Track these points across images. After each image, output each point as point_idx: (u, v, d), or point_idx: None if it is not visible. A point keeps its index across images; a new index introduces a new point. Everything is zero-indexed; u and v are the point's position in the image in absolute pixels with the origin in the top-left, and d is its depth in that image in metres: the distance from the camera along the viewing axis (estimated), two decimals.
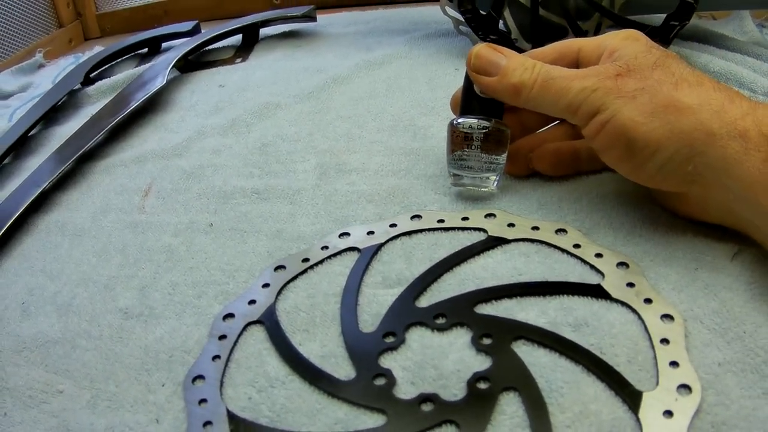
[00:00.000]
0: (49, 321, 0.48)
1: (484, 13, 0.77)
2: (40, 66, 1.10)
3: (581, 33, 0.75)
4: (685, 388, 0.34)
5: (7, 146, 0.77)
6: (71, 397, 0.41)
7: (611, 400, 0.35)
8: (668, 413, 0.33)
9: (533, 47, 0.71)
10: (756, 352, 0.36)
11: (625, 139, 0.42)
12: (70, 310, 0.49)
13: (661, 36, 0.72)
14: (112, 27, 1.24)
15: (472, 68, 0.49)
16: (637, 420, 0.33)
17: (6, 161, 0.77)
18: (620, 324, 0.39)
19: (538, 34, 0.76)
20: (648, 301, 0.40)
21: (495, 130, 0.50)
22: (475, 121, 0.50)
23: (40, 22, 1.17)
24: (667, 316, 0.39)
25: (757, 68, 0.71)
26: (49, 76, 1.04)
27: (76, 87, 0.90)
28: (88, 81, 0.92)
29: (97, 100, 0.87)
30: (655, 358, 0.37)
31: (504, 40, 0.77)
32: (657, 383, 0.35)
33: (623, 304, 0.41)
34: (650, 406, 0.34)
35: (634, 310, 0.40)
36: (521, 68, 0.46)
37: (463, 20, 0.79)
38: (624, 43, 0.45)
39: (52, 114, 0.86)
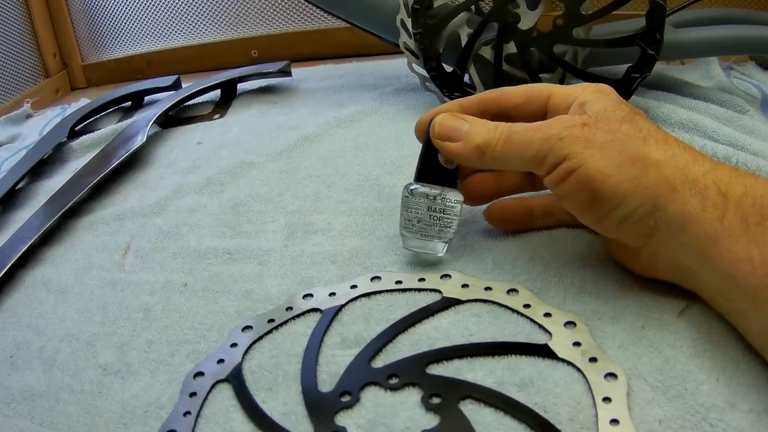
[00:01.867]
0: (35, 375, 0.52)
1: (449, 70, 0.81)
2: (28, 116, 1.15)
3: None
4: None
5: None
6: None
7: None
8: None
9: None
10: (696, 409, 0.38)
11: (590, 190, 0.43)
12: (54, 365, 0.52)
13: (623, 88, 0.74)
14: (98, 77, 1.29)
15: (436, 136, 0.50)
16: None
17: None
18: (564, 383, 0.42)
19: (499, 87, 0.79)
20: (593, 359, 0.42)
21: (448, 200, 0.53)
22: (429, 189, 0.53)
23: (28, 73, 1.22)
24: (611, 375, 0.41)
25: (720, 116, 0.74)
26: (37, 127, 1.08)
27: (62, 140, 0.94)
28: (73, 134, 0.96)
29: (81, 155, 0.92)
30: (596, 416, 0.39)
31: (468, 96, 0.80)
32: None
33: (569, 363, 0.43)
34: None
35: (578, 369, 0.42)
36: (484, 129, 0.48)
37: (428, 77, 0.83)
38: (594, 97, 0.46)
39: (39, 167, 0.90)
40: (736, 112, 0.77)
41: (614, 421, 0.38)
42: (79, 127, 1.00)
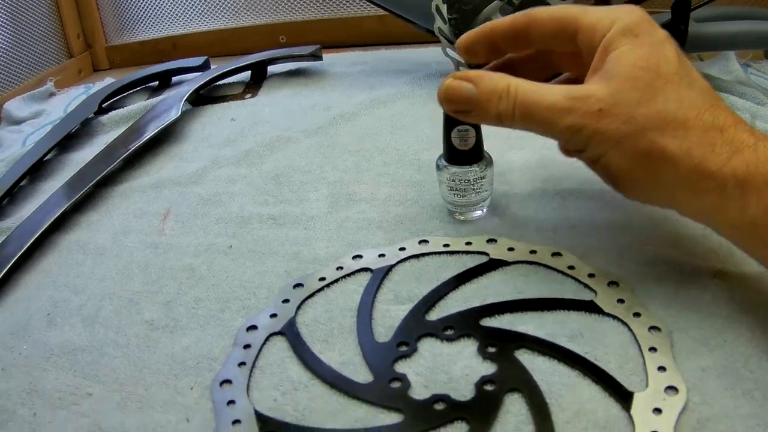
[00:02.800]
0: (76, 331, 0.52)
1: None
2: (51, 94, 1.15)
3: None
4: (672, 389, 0.39)
5: (26, 169, 0.81)
6: (101, 399, 0.45)
7: (605, 400, 0.39)
8: (657, 411, 0.38)
9: None
10: (736, 358, 0.41)
11: (612, 178, 0.46)
12: (96, 322, 0.53)
13: None
14: (121, 59, 1.29)
15: (445, 103, 0.48)
16: (630, 417, 0.38)
17: (23, 183, 0.81)
18: (612, 335, 0.44)
19: None
20: (637, 314, 0.45)
21: (470, 175, 0.56)
22: (450, 167, 0.57)
23: (52, 52, 1.22)
24: (654, 328, 0.43)
25: (739, 106, 0.76)
26: (61, 105, 1.09)
27: (90, 116, 0.95)
28: (100, 110, 0.97)
29: (110, 129, 0.92)
30: (644, 363, 0.41)
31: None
32: (646, 385, 0.40)
33: (614, 317, 0.45)
34: (640, 405, 0.38)
35: (624, 323, 0.45)
36: (495, 98, 0.45)
37: (462, 61, 0.85)
38: (621, 43, 0.43)
39: (67, 141, 0.90)
40: (755, 103, 0.79)
41: (661, 368, 0.40)
42: (107, 103, 1.00)
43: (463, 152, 0.56)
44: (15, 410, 0.45)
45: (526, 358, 0.43)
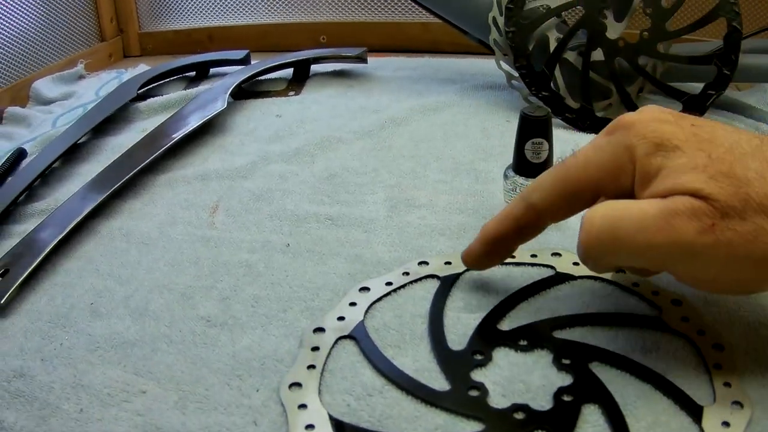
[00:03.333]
0: (124, 323, 0.50)
1: (537, 70, 0.82)
2: (80, 77, 1.14)
3: (626, 94, 0.81)
4: (737, 404, 0.39)
5: (61, 151, 0.80)
6: (156, 398, 0.43)
7: (678, 413, 0.40)
8: (726, 424, 0.38)
9: (581, 107, 0.77)
10: None
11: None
12: (146, 315, 0.51)
13: (698, 104, 0.79)
14: (154, 47, 1.28)
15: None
16: (701, 429, 0.38)
17: (55, 165, 0.80)
18: (681, 352, 0.44)
19: (586, 94, 0.81)
20: (701, 332, 0.45)
21: None
22: (517, 178, 0.57)
23: (83, 34, 1.21)
24: (718, 346, 0.44)
25: None
26: (92, 88, 1.08)
27: (128, 101, 0.93)
28: (137, 96, 0.95)
29: (148, 117, 0.91)
30: (710, 379, 0.42)
31: (554, 97, 0.82)
32: (714, 400, 0.40)
33: (680, 334, 0.46)
34: (711, 418, 0.39)
35: (690, 340, 0.45)
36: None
37: (516, 75, 0.84)
38: (666, 162, 0.39)
39: (102, 125, 0.89)
40: None
41: (727, 384, 0.41)
42: (143, 90, 0.99)
43: (534, 164, 0.56)
44: (59, 405, 0.43)
45: (599, 370, 0.43)
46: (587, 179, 0.42)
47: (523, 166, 0.56)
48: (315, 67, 1.04)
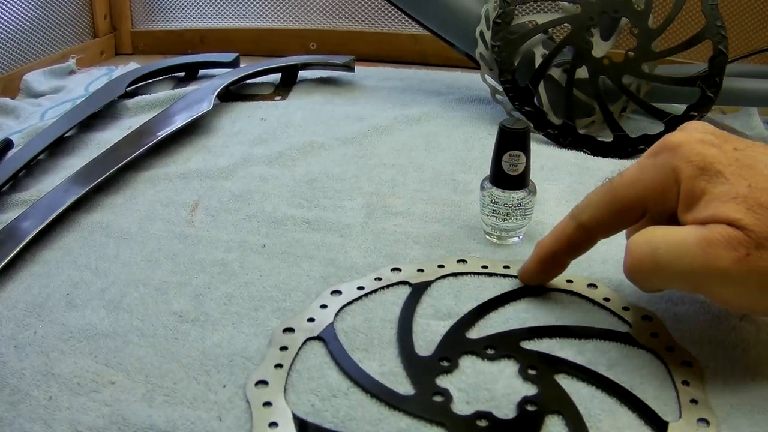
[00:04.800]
0: (98, 315, 0.51)
1: (522, 85, 0.83)
2: (71, 72, 1.14)
3: (608, 113, 0.82)
4: (703, 421, 0.40)
5: (46, 144, 0.80)
6: (124, 389, 0.43)
7: (642, 427, 0.40)
8: None
9: (563, 123, 0.78)
10: (763, 397, 0.42)
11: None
12: (120, 307, 0.52)
13: (680, 125, 0.78)
14: (145, 46, 1.29)
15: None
16: None
17: (41, 157, 0.80)
18: (648, 367, 0.45)
19: (569, 111, 0.82)
20: (670, 349, 0.46)
21: (513, 200, 0.57)
22: (495, 190, 0.57)
23: (77, 30, 1.21)
24: (686, 363, 0.44)
25: None
26: (82, 83, 1.08)
27: (115, 98, 0.93)
28: (125, 94, 0.96)
29: (135, 114, 0.91)
30: (677, 396, 0.42)
31: (537, 113, 0.82)
32: (680, 416, 0.40)
33: (649, 350, 0.46)
34: None
35: (658, 356, 0.46)
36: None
37: (500, 90, 0.85)
38: (710, 187, 0.41)
39: (90, 120, 0.89)
40: None
41: (693, 401, 0.41)
42: (131, 88, 0.99)
43: (511, 176, 0.56)
44: (29, 392, 0.43)
45: (565, 382, 0.44)
46: (634, 198, 0.45)
47: (500, 177, 0.57)
48: (303, 73, 1.05)
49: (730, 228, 0.39)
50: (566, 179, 0.72)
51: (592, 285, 0.53)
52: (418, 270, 0.55)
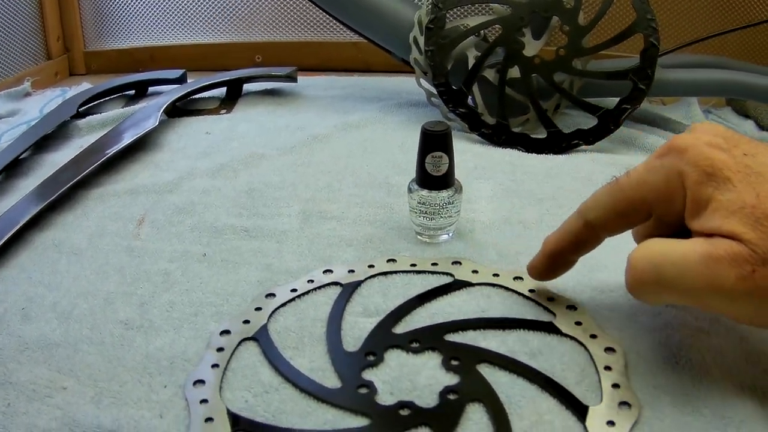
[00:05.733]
0: (51, 326, 0.53)
1: (455, 88, 0.85)
2: (27, 94, 1.15)
3: (542, 111, 0.84)
4: (625, 404, 0.41)
5: (2, 167, 0.82)
6: (75, 393, 0.46)
7: (563, 412, 0.42)
8: (611, 423, 0.40)
9: (497, 123, 0.80)
10: (685, 378, 0.43)
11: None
12: (71, 318, 0.54)
13: (613, 118, 0.82)
14: (98, 65, 1.30)
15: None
16: (585, 428, 0.40)
17: None
18: (569, 354, 0.47)
19: (502, 111, 0.85)
20: (593, 336, 0.48)
21: (440, 200, 0.59)
22: (421, 191, 0.60)
23: (30, 52, 1.22)
24: (609, 349, 0.46)
25: None
26: (37, 105, 1.09)
27: (68, 119, 0.95)
28: (77, 114, 0.97)
29: (87, 133, 0.93)
30: (599, 381, 0.44)
31: (471, 114, 0.85)
32: (601, 400, 0.42)
33: (572, 338, 0.48)
34: (595, 418, 0.41)
35: (581, 344, 0.47)
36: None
37: (435, 93, 0.88)
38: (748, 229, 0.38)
39: (43, 141, 0.91)
40: None
41: (615, 385, 0.43)
42: (84, 108, 1.01)
43: (435, 177, 0.59)
44: None
45: (487, 372, 0.46)
46: (640, 200, 0.43)
47: (425, 178, 0.59)
48: (248, 86, 1.07)
49: (735, 243, 0.37)
50: (499, 177, 0.75)
51: (518, 278, 0.55)
52: (349, 271, 0.57)
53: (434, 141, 0.58)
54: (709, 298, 0.39)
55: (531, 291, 0.54)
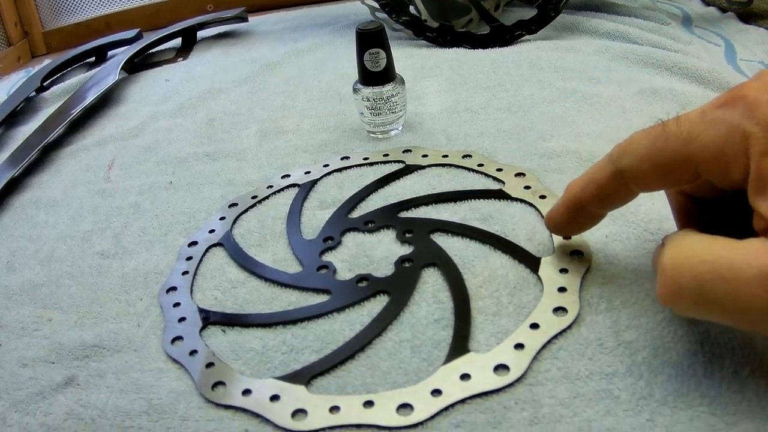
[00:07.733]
0: (34, 271, 0.53)
1: None
2: None
3: (484, 10, 0.83)
4: (577, 254, 0.42)
5: None
6: (60, 322, 0.47)
7: (516, 266, 0.42)
8: (564, 270, 0.41)
9: (440, 25, 0.79)
10: (637, 224, 0.44)
11: None
12: (52, 260, 0.54)
13: (553, 5, 0.81)
14: (58, 43, 1.28)
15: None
16: (538, 277, 0.41)
17: None
18: (520, 215, 0.47)
19: (443, 13, 0.84)
20: (542, 197, 0.48)
21: (383, 94, 0.60)
22: (365, 89, 0.60)
23: None
24: None
25: (643, 26, 0.80)
26: (3, 89, 1.08)
27: (32, 94, 0.95)
28: (42, 89, 0.97)
29: (53, 103, 0.92)
30: (551, 236, 0.44)
31: (415, 20, 0.85)
32: (553, 252, 0.43)
33: (522, 201, 0.49)
34: (548, 267, 0.41)
35: (531, 205, 0.48)
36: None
37: (378, 6, 0.87)
38: None
39: (12, 118, 0.90)
40: (658, 23, 0.82)
41: (567, 238, 0.43)
42: (47, 82, 1.00)
43: (375, 73, 0.59)
44: None
45: (440, 239, 0.46)
46: (688, 156, 0.32)
47: (366, 76, 0.59)
48: (202, 33, 1.06)
49: None
50: (446, 73, 0.75)
51: (467, 156, 0.55)
52: (305, 172, 0.58)
53: (369, 38, 0.58)
54: (764, 322, 0.28)
55: (480, 165, 0.54)
